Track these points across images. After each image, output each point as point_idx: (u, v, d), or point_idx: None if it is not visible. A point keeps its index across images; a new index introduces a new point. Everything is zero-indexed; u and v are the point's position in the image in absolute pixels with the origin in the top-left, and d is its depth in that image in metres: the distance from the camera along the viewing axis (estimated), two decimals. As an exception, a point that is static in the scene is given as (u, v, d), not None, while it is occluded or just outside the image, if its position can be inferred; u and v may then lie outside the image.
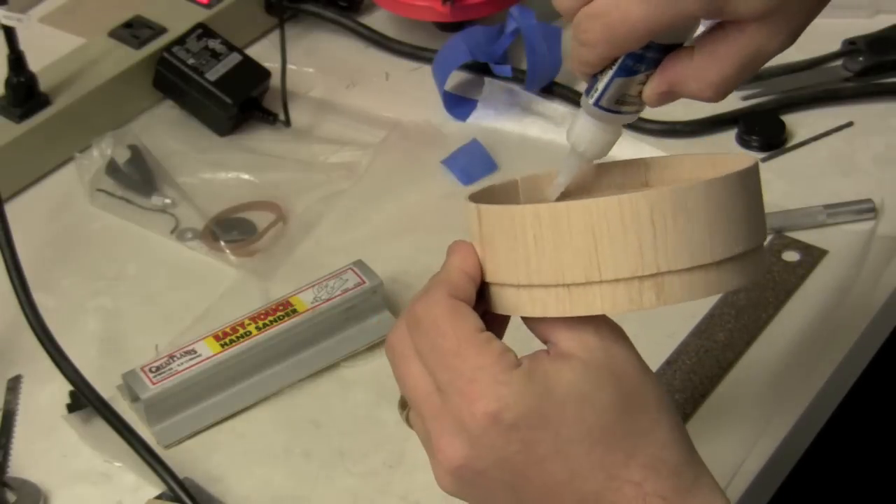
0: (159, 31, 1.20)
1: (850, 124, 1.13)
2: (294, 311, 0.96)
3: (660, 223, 0.59)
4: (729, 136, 1.14)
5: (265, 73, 1.19)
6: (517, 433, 0.59)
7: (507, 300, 0.63)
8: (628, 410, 0.60)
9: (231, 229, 1.08)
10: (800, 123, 1.14)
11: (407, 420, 0.67)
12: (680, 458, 0.61)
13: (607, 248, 0.59)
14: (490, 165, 1.12)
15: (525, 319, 0.64)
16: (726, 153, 0.71)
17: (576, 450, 0.59)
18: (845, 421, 1.01)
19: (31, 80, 1.13)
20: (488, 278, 0.64)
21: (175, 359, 0.93)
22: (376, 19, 1.28)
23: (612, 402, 0.60)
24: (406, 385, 0.63)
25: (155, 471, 0.87)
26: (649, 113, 1.15)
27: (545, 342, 0.63)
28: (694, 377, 0.93)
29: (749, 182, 0.62)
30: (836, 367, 0.95)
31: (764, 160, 1.11)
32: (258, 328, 0.95)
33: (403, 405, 0.67)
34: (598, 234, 0.59)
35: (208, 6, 1.23)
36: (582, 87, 0.70)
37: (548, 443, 0.59)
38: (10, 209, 0.93)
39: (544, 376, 0.60)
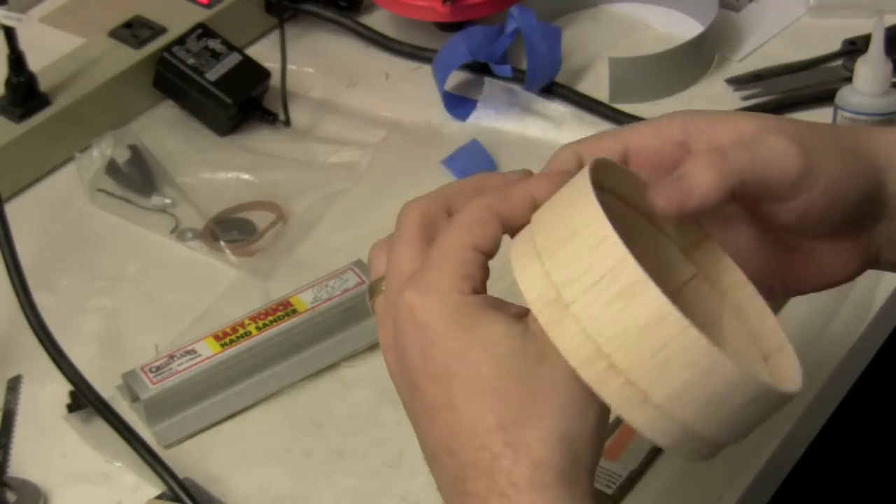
0: (159, 31, 1.20)
1: (850, 124, 1.13)
2: (294, 311, 0.96)
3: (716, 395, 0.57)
4: (729, 136, 1.13)
5: (265, 73, 1.19)
6: (421, 334, 0.59)
7: (545, 294, 0.59)
8: (527, 391, 0.58)
9: (231, 229, 1.08)
10: (800, 123, 1.14)
11: (371, 304, 0.65)
12: (547, 461, 0.58)
13: (666, 375, 0.56)
14: (490, 165, 1.12)
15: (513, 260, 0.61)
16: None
17: (459, 387, 0.58)
18: (845, 421, 1.01)
19: (31, 80, 1.13)
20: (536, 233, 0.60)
21: (175, 359, 0.93)
22: (376, 19, 1.28)
23: (518, 375, 0.58)
24: (391, 263, 0.62)
25: (155, 471, 0.87)
26: (649, 112, 1.15)
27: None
28: (694, 377, 0.92)
29: (777, 404, 0.60)
30: (835, 367, 0.95)
31: (764, 160, 1.11)
32: (258, 328, 0.95)
33: (371, 293, 0.65)
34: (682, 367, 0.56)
35: (208, 6, 1.23)
36: (582, 86, 0.70)
37: (439, 364, 0.59)
38: (10, 209, 0.93)
39: (478, 314, 0.59)
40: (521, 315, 0.60)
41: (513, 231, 0.61)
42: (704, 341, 0.55)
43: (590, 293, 0.57)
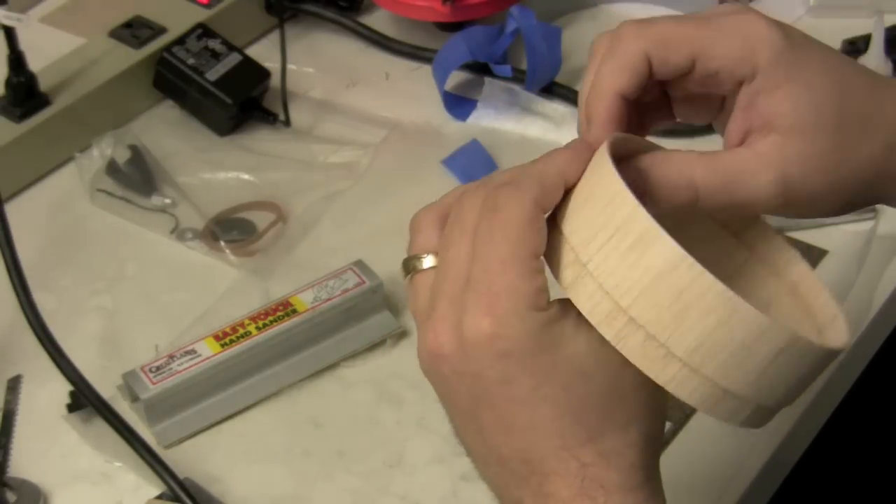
0: (159, 31, 1.20)
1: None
2: (294, 311, 0.96)
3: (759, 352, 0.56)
4: (729, 136, 1.13)
5: (265, 73, 1.18)
6: (504, 364, 0.58)
7: (565, 258, 0.59)
8: (613, 401, 0.59)
9: (231, 229, 1.08)
10: (800, 123, 1.14)
11: (408, 279, 0.64)
12: (637, 462, 0.60)
13: (705, 338, 0.56)
14: (490, 165, 1.12)
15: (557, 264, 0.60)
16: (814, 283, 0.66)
17: (547, 409, 0.59)
18: (845, 421, 1.01)
19: (31, 80, 1.13)
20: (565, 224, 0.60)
21: (175, 359, 0.93)
22: (376, 19, 1.28)
23: (604, 388, 0.59)
24: (447, 253, 0.61)
25: (155, 471, 0.87)
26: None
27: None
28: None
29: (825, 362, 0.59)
30: (835, 367, 0.95)
31: (764, 160, 1.11)
32: (258, 328, 0.95)
33: (409, 268, 0.64)
34: (715, 326, 0.56)
35: (208, 6, 1.23)
36: (581, 85, 0.70)
37: (525, 389, 0.58)
38: (10, 209, 0.94)
39: (560, 332, 0.58)
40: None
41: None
42: (720, 287, 0.55)
43: (604, 249, 0.57)
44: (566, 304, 0.59)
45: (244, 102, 1.17)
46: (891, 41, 1.09)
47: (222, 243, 1.07)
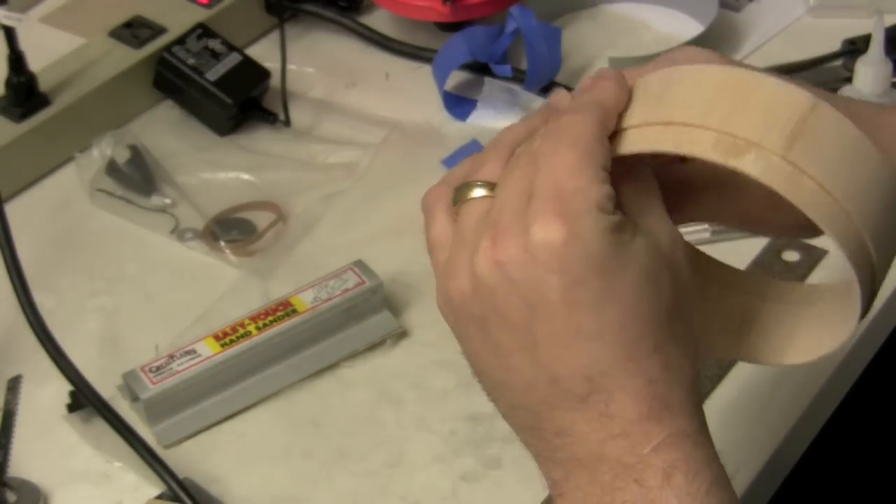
0: (159, 31, 1.20)
1: (850, 124, 1.13)
2: (294, 311, 0.96)
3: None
4: (729, 136, 1.13)
5: (265, 73, 1.19)
6: (575, 264, 0.57)
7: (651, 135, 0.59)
8: (676, 315, 0.58)
9: (231, 229, 1.08)
10: (800, 123, 1.14)
11: (456, 207, 0.62)
12: (694, 387, 0.58)
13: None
14: (490, 165, 1.12)
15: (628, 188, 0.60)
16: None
17: (615, 313, 0.57)
18: (845, 421, 1.01)
19: (31, 80, 1.13)
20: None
21: (175, 359, 0.93)
22: (376, 19, 1.28)
23: (670, 298, 0.58)
24: (511, 173, 0.60)
25: (155, 471, 0.87)
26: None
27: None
28: (694, 377, 0.92)
29: None
30: (835, 368, 0.95)
31: (764, 160, 1.11)
32: (258, 328, 0.95)
33: (460, 196, 0.62)
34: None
35: (208, 6, 1.23)
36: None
37: (595, 290, 0.57)
38: (10, 209, 0.93)
39: (629, 238, 0.58)
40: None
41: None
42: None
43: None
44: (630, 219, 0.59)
45: (244, 102, 1.17)
46: (891, 41, 1.09)
47: (222, 243, 1.07)
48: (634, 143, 0.59)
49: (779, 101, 0.57)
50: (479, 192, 0.61)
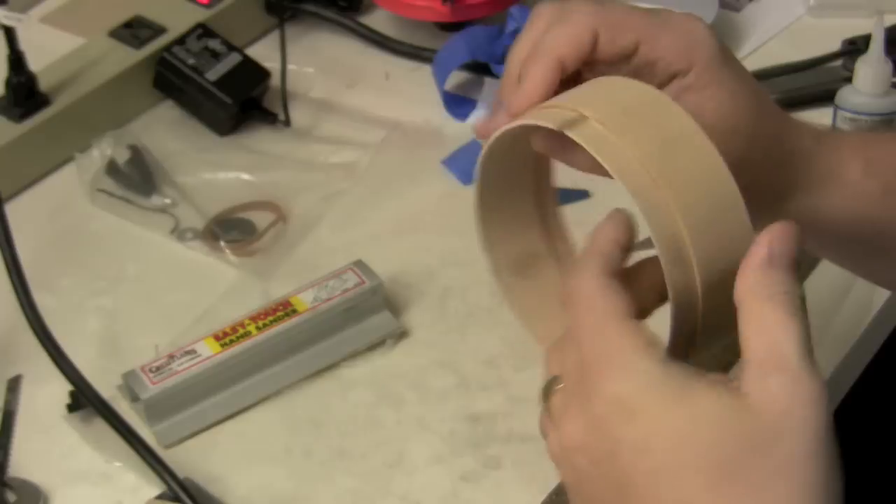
0: (159, 31, 1.20)
1: (850, 124, 1.13)
2: (294, 311, 0.96)
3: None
4: (729, 136, 1.13)
5: (265, 73, 1.19)
6: (635, 428, 0.54)
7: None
8: (754, 453, 0.53)
9: (231, 229, 1.08)
10: (800, 123, 1.14)
11: (545, 407, 0.63)
12: None
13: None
14: (490, 165, 1.12)
15: (742, 334, 0.56)
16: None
17: (692, 476, 0.53)
18: (845, 421, 1.01)
19: (31, 80, 1.13)
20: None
21: (175, 359, 0.93)
22: (376, 19, 1.28)
23: (754, 452, 0.53)
24: (563, 363, 0.60)
25: (155, 471, 0.87)
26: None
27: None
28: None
29: None
30: (835, 368, 0.95)
31: (764, 160, 1.11)
32: (258, 328, 0.95)
33: (545, 395, 0.63)
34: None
35: (208, 6, 1.23)
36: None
37: (663, 453, 0.54)
38: (10, 209, 0.93)
39: (690, 386, 0.54)
40: (721, 381, 0.55)
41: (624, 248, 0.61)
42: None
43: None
44: (690, 370, 0.55)
45: (244, 102, 1.17)
46: (891, 41, 1.09)
47: (222, 243, 1.07)
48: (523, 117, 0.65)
49: (630, 89, 0.63)
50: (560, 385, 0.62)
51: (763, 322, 0.54)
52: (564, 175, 0.73)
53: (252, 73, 1.18)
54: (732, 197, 0.59)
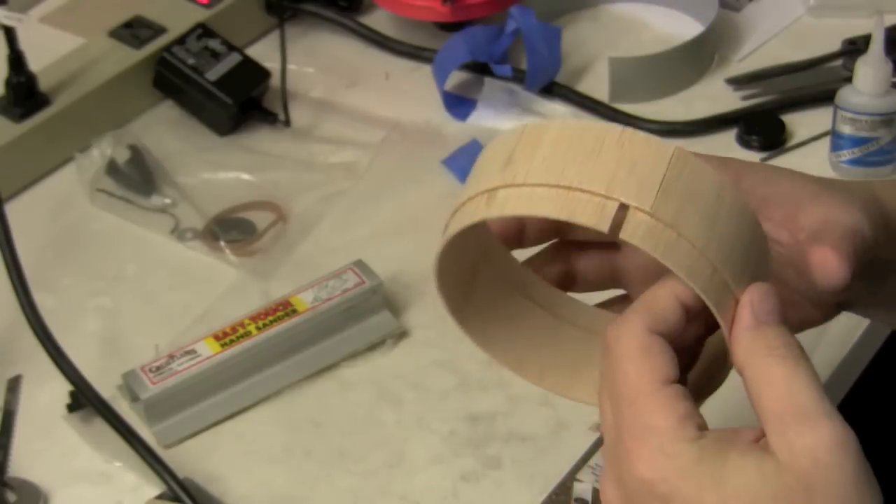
0: (159, 31, 1.20)
1: (850, 124, 1.13)
2: (294, 311, 0.96)
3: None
4: (729, 136, 1.14)
5: (265, 73, 1.18)
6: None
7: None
8: None
9: (231, 229, 1.08)
10: (800, 123, 1.14)
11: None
12: None
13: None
14: (490, 165, 1.12)
15: (751, 402, 0.55)
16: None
17: None
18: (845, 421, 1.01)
19: (31, 80, 1.13)
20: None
21: (175, 359, 0.93)
22: (376, 19, 1.28)
23: None
24: (600, 411, 0.57)
25: (155, 471, 0.87)
26: (649, 112, 1.15)
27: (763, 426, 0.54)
28: (694, 377, 0.92)
29: None
30: (835, 368, 0.95)
31: (764, 160, 1.11)
32: (258, 328, 0.95)
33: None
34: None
35: (208, 6, 1.23)
36: (582, 86, 0.70)
37: None
38: (10, 209, 0.93)
39: (722, 463, 0.52)
40: (758, 438, 0.53)
41: (671, 339, 0.55)
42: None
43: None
44: (726, 436, 0.53)
45: (244, 102, 1.17)
46: (891, 41, 1.09)
47: (222, 243, 1.07)
48: (521, 205, 0.54)
49: (637, 144, 0.54)
50: None
51: (771, 378, 0.53)
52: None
53: (252, 73, 1.18)
54: (766, 247, 0.56)
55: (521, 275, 0.63)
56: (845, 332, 0.97)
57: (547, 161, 0.53)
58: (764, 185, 0.63)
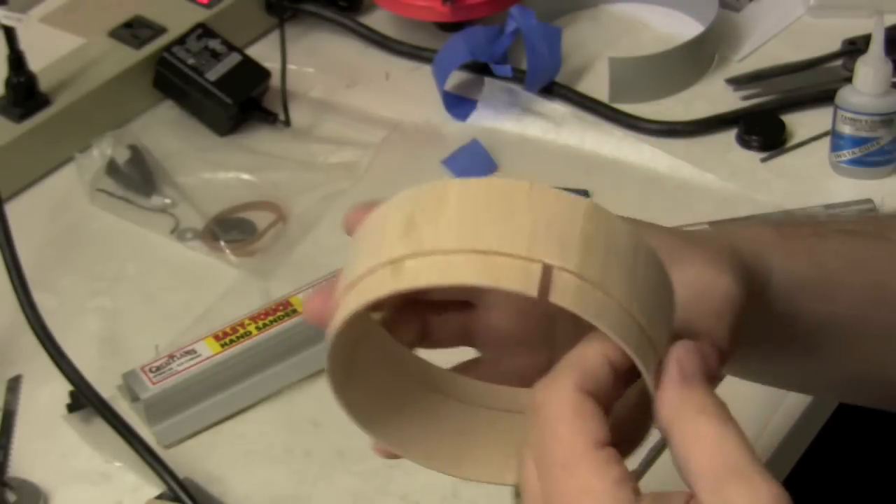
0: (159, 31, 1.20)
1: (850, 124, 1.13)
2: (294, 311, 0.96)
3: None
4: (729, 136, 1.14)
5: (265, 73, 1.19)
6: None
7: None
8: None
9: (231, 229, 1.08)
10: (800, 123, 1.14)
11: None
12: None
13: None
14: (490, 165, 1.12)
15: (678, 463, 0.52)
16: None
17: None
18: (845, 421, 1.01)
19: (31, 80, 1.13)
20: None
21: (175, 359, 0.93)
22: (376, 19, 1.28)
23: None
24: (521, 476, 0.54)
25: (155, 471, 0.87)
26: (649, 112, 1.15)
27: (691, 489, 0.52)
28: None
29: None
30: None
31: (764, 160, 1.11)
32: (258, 328, 0.95)
33: (518, 494, 0.56)
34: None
35: (208, 6, 1.23)
36: (582, 86, 0.70)
37: None
38: (10, 209, 0.93)
39: None
40: (688, 501, 0.51)
41: (601, 399, 0.52)
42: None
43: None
44: (660, 496, 0.52)
45: (244, 102, 1.17)
46: (891, 41, 1.09)
47: (222, 243, 1.07)
48: (434, 274, 0.49)
49: (548, 201, 0.49)
50: None
51: (701, 436, 0.51)
52: (564, 176, 0.73)
53: (252, 73, 1.18)
54: (674, 298, 0.53)
55: (398, 349, 0.60)
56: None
57: (455, 224, 0.49)
58: None
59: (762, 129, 1.13)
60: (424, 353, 0.60)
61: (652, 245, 0.51)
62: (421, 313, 0.62)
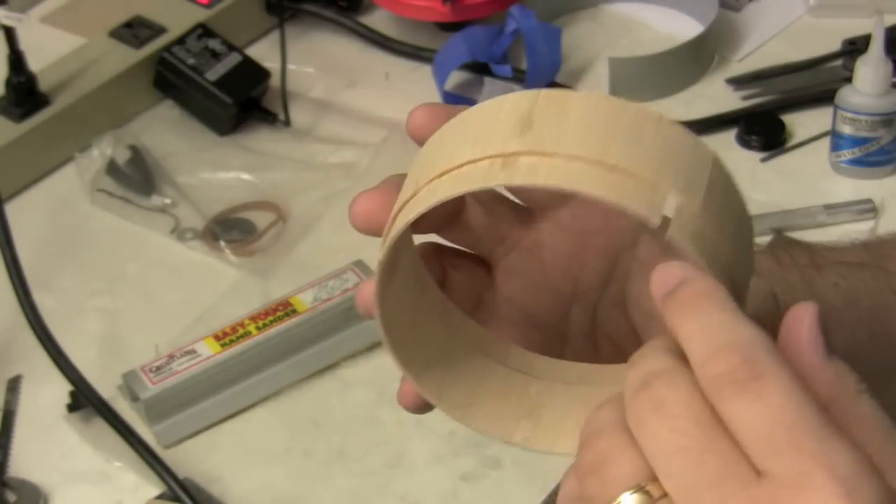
0: (159, 31, 1.20)
1: (850, 124, 1.13)
2: (294, 311, 0.96)
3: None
4: (729, 136, 1.14)
5: (265, 73, 1.19)
6: None
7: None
8: None
9: (231, 229, 1.08)
10: (800, 123, 1.14)
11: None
12: None
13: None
14: (490, 165, 1.12)
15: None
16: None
17: None
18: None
19: (31, 80, 1.13)
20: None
21: (175, 359, 0.93)
22: (376, 19, 1.28)
23: None
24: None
25: (155, 471, 0.87)
26: (649, 113, 1.15)
27: None
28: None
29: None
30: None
31: (764, 160, 1.11)
32: (258, 328, 0.95)
33: None
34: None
35: (208, 6, 1.23)
36: (582, 86, 0.70)
37: None
38: (10, 209, 0.94)
39: None
40: None
41: None
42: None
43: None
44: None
45: (244, 102, 1.17)
46: (891, 41, 1.09)
47: (222, 243, 1.07)
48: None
49: (688, 150, 0.47)
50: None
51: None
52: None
53: (252, 73, 1.18)
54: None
55: (429, 282, 0.58)
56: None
57: (582, 132, 0.45)
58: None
59: (762, 129, 1.13)
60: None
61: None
62: (440, 261, 0.59)
